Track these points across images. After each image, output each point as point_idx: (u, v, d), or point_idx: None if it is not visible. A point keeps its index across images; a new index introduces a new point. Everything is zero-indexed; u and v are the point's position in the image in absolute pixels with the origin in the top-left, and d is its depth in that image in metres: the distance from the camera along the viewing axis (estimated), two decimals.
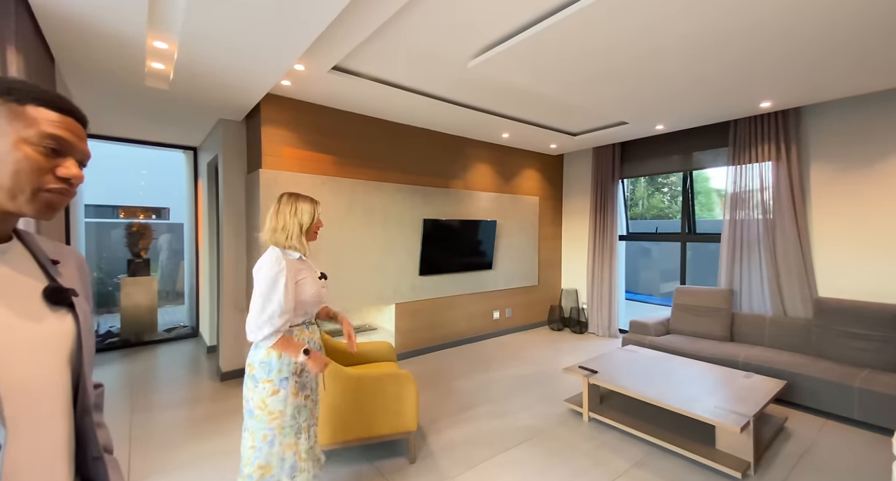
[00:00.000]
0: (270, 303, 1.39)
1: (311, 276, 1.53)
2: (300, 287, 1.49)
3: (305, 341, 1.54)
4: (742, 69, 2.56)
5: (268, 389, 1.45)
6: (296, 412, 1.49)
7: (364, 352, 2.60)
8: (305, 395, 1.54)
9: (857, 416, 2.60)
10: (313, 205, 1.59)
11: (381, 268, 3.68)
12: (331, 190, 3.36)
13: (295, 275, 1.48)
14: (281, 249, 1.51)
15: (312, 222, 1.56)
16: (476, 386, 3.24)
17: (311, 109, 3.25)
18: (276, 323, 1.39)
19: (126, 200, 8.37)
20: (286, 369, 1.47)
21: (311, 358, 1.45)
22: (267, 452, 1.45)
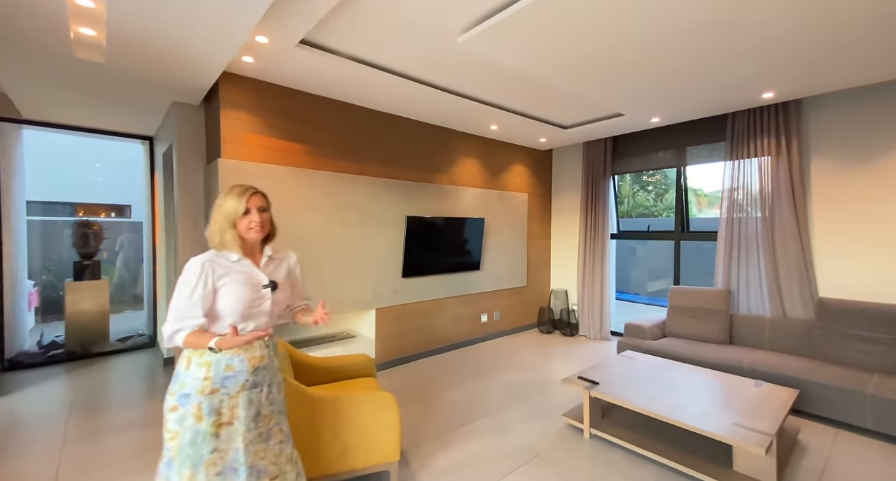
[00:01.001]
0: (171, 309, 1.24)
1: (241, 282, 1.29)
2: (220, 294, 1.26)
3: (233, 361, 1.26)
4: (749, 52, 2.36)
5: (168, 402, 1.25)
6: (195, 440, 1.22)
7: (338, 366, 2.28)
8: (217, 424, 1.23)
9: (871, 425, 2.44)
10: (242, 193, 1.32)
11: (358, 270, 3.35)
12: (302, 183, 3.01)
13: (217, 278, 1.25)
14: (216, 251, 1.30)
15: (237, 214, 1.29)
16: (464, 399, 2.96)
17: (279, 92, 2.89)
18: (175, 327, 1.22)
19: (81, 197, 7.71)
20: (191, 384, 1.23)
21: (223, 341, 1.18)
22: (165, 475, 1.24)
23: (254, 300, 1.30)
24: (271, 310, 1.35)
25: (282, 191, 2.89)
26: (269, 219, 1.39)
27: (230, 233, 1.29)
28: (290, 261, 1.50)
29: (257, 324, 1.32)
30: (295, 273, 1.51)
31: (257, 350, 1.33)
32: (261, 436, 1.30)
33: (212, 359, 1.24)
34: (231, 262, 1.30)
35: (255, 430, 1.29)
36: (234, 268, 1.30)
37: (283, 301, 1.40)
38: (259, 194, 1.36)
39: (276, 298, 1.36)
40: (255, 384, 1.30)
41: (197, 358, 1.25)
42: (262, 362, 1.33)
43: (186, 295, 1.22)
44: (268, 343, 1.37)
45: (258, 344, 1.33)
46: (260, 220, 1.32)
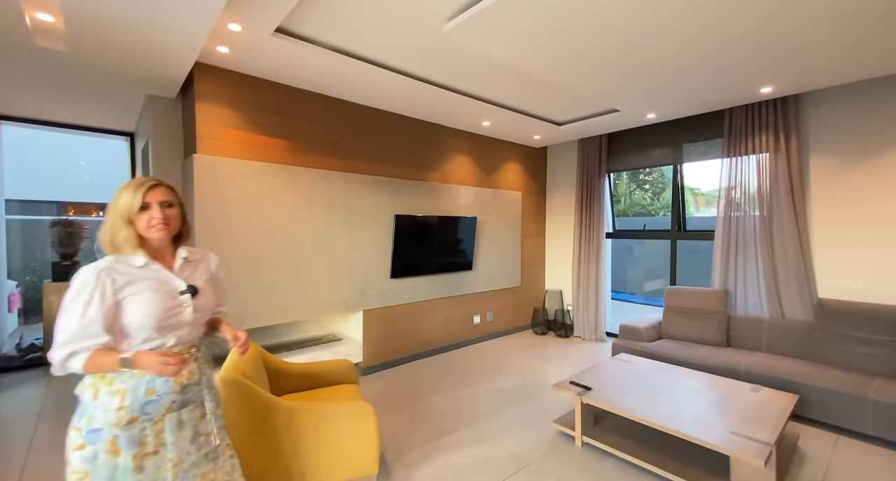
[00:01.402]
0: (59, 331, 1.04)
1: (151, 290, 1.11)
2: (126, 305, 1.07)
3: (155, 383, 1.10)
4: (748, 47, 2.26)
5: (73, 440, 1.06)
6: (113, 476, 1.04)
7: (317, 373, 2.17)
8: (141, 456, 1.07)
9: (872, 431, 2.35)
10: (139, 185, 1.12)
11: (344, 271, 3.24)
12: (285, 180, 2.89)
13: (119, 289, 1.07)
14: (115, 256, 1.12)
15: (133, 209, 1.11)
16: (453, 405, 2.86)
17: (259, 85, 2.77)
18: (68, 351, 1.02)
19: (69, 196, 7.55)
20: (102, 417, 1.05)
21: (139, 360, 1.03)
22: None
23: (170, 309, 1.13)
24: (194, 318, 1.18)
25: (263, 189, 2.78)
26: (178, 216, 1.20)
27: (124, 231, 1.10)
28: (212, 264, 1.34)
29: (179, 337, 1.16)
30: (217, 276, 1.34)
31: (186, 369, 1.17)
32: (207, 457, 1.18)
33: (126, 385, 1.06)
34: (136, 268, 1.12)
35: (196, 453, 1.16)
36: (140, 275, 1.12)
37: (206, 307, 1.24)
38: (163, 187, 1.16)
39: (199, 304, 1.20)
40: (185, 403, 1.16)
41: (106, 386, 1.07)
42: (191, 379, 1.17)
43: (78, 312, 1.02)
44: (195, 356, 1.21)
45: (195, 364, 1.19)
46: (163, 217, 1.13)
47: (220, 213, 2.59)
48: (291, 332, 3.40)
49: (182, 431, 1.14)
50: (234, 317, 2.67)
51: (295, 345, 3.21)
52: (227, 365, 1.59)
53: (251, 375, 1.63)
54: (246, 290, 2.71)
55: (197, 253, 1.30)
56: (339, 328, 3.67)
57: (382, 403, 2.86)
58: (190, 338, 1.20)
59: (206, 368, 1.24)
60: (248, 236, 2.72)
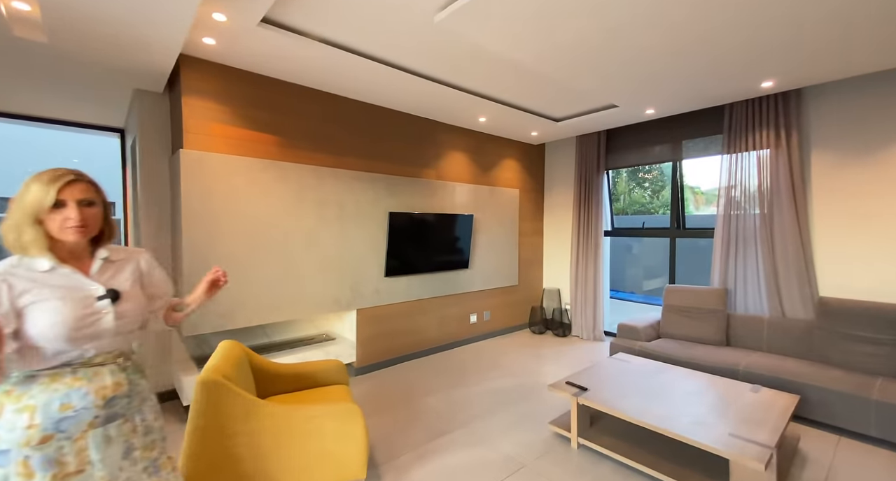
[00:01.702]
0: None
1: (58, 298, 0.98)
2: (29, 314, 0.95)
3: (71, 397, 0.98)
4: (748, 38, 2.20)
5: None
6: None
7: (306, 373, 2.11)
8: (62, 476, 0.96)
9: (875, 433, 2.30)
10: (53, 179, 0.98)
11: (337, 269, 3.17)
12: (275, 176, 2.83)
13: (18, 296, 0.95)
14: (19, 257, 0.99)
15: (43, 207, 0.96)
16: (447, 406, 2.80)
17: (247, 79, 2.71)
18: None
19: None
20: (8, 437, 0.93)
21: None
22: None
23: (83, 318, 0.99)
24: (116, 326, 1.05)
25: (251, 185, 2.72)
26: (99, 216, 1.06)
27: (30, 231, 0.96)
28: (141, 262, 1.20)
29: (99, 347, 1.03)
30: (151, 274, 1.22)
31: (107, 376, 1.04)
32: (146, 471, 1.09)
33: (36, 401, 0.95)
34: (41, 273, 0.98)
35: (131, 468, 1.06)
36: (45, 281, 0.98)
37: (133, 313, 1.10)
38: (83, 183, 1.02)
39: (122, 311, 1.07)
40: (111, 418, 1.04)
41: (12, 403, 0.95)
42: (118, 390, 1.05)
43: None
44: (123, 365, 1.09)
45: (107, 369, 1.05)
46: (80, 218, 0.99)
47: (207, 210, 2.53)
48: (283, 332, 3.34)
49: (111, 447, 1.03)
50: (223, 315, 2.61)
51: (286, 344, 3.15)
52: (206, 366, 1.53)
53: (233, 376, 1.57)
54: (234, 289, 2.65)
55: (121, 252, 1.16)
56: (333, 327, 3.61)
57: (375, 404, 2.80)
58: (114, 347, 1.07)
59: (137, 378, 1.12)
60: (236, 233, 2.66)
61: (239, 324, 2.67)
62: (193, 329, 2.49)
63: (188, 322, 2.47)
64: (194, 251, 2.48)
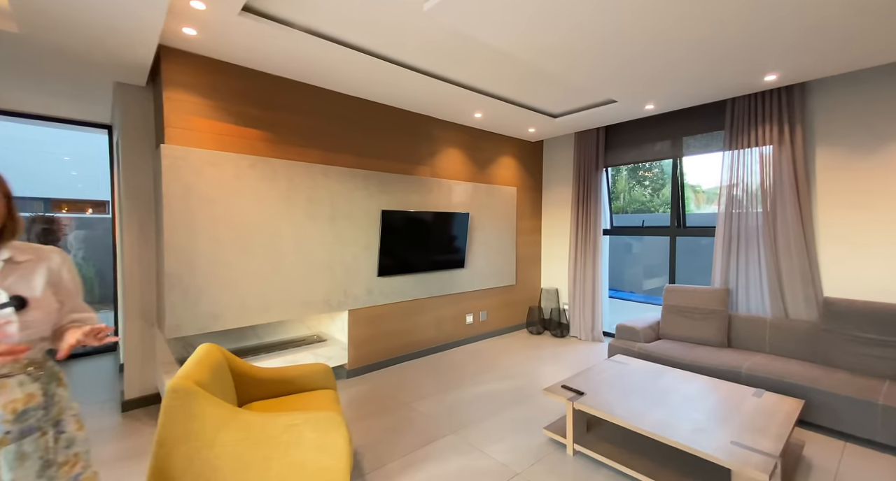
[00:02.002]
0: None
1: None
2: None
3: None
4: (751, 31, 2.11)
5: None
6: None
7: (291, 378, 2.03)
8: None
9: (882, 438, 2.21)
10: None
11: (327, 269, 3.09)
12: (263, 174, 2.75)
13: None
14: None
15: None
16: (440, 410, 2.72)
17: (233, 72, 2.62)
18: None
19: (55, 192, 7.41)
20: None
21: None
22: None
23: None
24: (20, 337, 0.95)
25: (237, 182, 2.63)
26: (2, 209, 0.97)
27: None
28: (52, 263, 1.07)
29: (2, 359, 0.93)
30: (62, 279, 1.09)
31: (15, 389, 0.95)
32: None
33: None
34: None
35: None
36: None
37: (42, 322, 1.00)
38: None
39: (27, 320, 0.96)
40: (25, 432, 0.96)
41: None
42: (30, 403, 0.97)
43: None
44: (35, 374, 1.00)
45: (15, 381, 0.96)
46: None
47: (190, 207, 2.45)
48: (274, 333, 3.26)
49: (25, 464, 0.94)
50: (209, 316, 2.53)
51: (276, 346, 3.07)
52: (179, 372, 1.45)
53: (207, 382, 1.49)
54: (220, 290, 2.56)
55: (29, 251, 1.04)
56: (325, 328, 3.53)
57: (365, 408, 2.72)
58: (23, 357, 0.98)
59: (53, 387, 1.03)
60: (221, 232, 2.57)
61: (225, 325, 2.59)
62: (177, 330, 2.41)
63: (171, 322, 2.39)
64: (177, 252, 2.40)
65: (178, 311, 2.41)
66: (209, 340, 2.91)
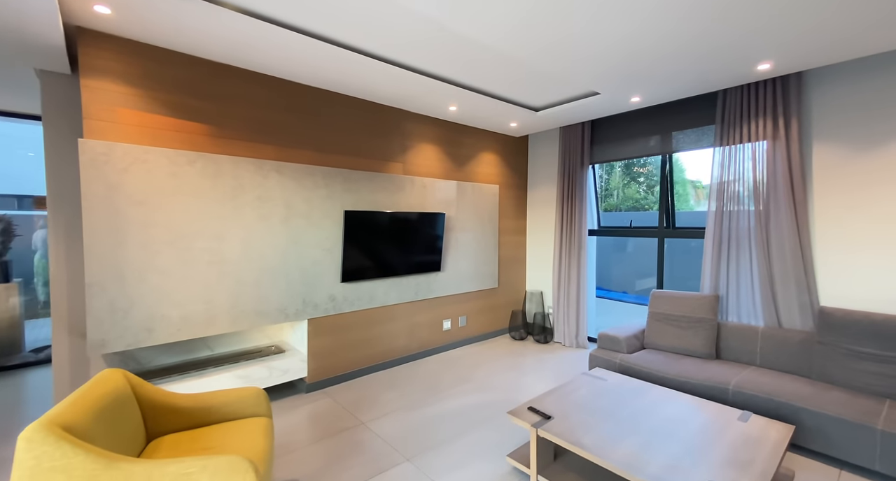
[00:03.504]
0: None
1: None
2: None
3: None
4: (739, 14, 1.85)
5: None
6: None
7: (215, 406, 1.79)
8: None
9: (881, 468, 1.99)
10: None
11: (282, 276, 2.85)
12: (204, 171, 2.49)
13: None
14: None
15: None
16: (400, 431, 2.49)
17: (168, 58, 2.36)
18: None
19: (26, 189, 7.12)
20: None
21: None
22: None
23: None
24: None
25: (174, 181, 2.38)
26: None
27: None
28: None
29: None
30: None
31: None
32: None
33: None
34: None
35: None
36: None
37: None
38: None
39: None
40: None
41: None
42: None
43: None
44: None
45: None
46: None
47: (116, 209, 2.20)
48: (228, 343, 3.02)
49: None
50: (141, 330, 2.29)
51: (227, 359, 2.84)
52: (45, 415, 1.21)
53: (84, 424, 1.25)
54: (155, 300, 2.32)
55: None
56: (287, 337, 3.29)
57: (316, 429, 2.49)
58: None
59: None
60: (155, 236, 2.33)
61: (159, 340, 2.35)
62: (102, 346, 2.17)
63: (95, 337, 2.15)
64: (100, 259, 2.15)
65: (104, 325, 2.17)
66: (150, 354, 2.68)
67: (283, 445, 2.30)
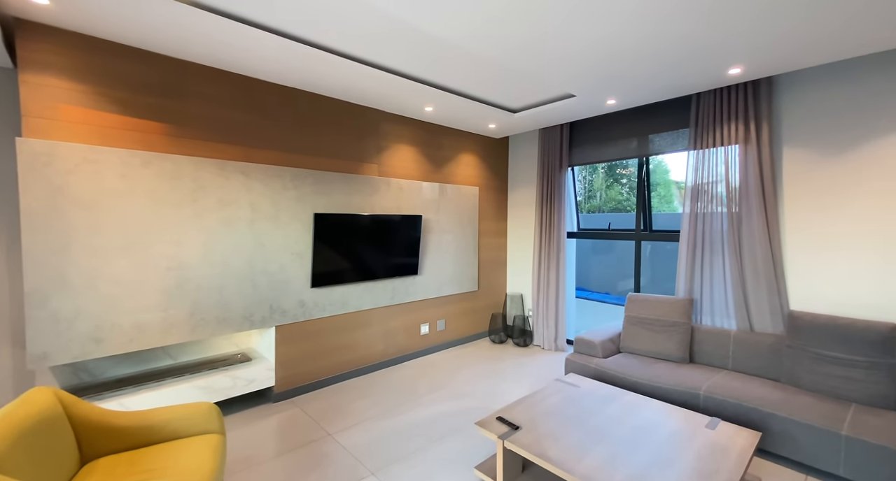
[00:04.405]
0: None
1: None
2: None
3: None
4: (711, 16, 1.83)
5: None
6: None
7: (157, 424, 1.68)
8: None
9: (844, 473, 2.00)
10: None
11: (247, 281, 2.73)
12: (161, 173, 2.37)
13: None
14: None
15: None
16: (368, 442, 2.41)
17: (119, 52, 2.23)
18: None
19: None
20: None
21: None
22: None
23: None
24: None
25: (126, 183, 2.25)
26: None
27: None
28: None
29: None
30: None
31: None
32: None
33: None
34: None
35: None
36: None
37: None
38: None
39: None
40: None
41: None
42: None
43: None
44: None
45: None
46: None
47: (60, 213, 2.06)
48: (190, 351, 2.89)
49: None
50: (89, 341, 2.15)
51: (189, 368, 2.71)
52: None
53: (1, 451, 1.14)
54: (105, 309, 2.19)
55: None
56: (255, 344, 3.18)
57: (280, 442, 2.39)
58: None
59: None
60: (105, 241, 2.19)
61: (110, 350, 2.22)
62: (44, 359, 2.03)
63: (35, 350, 2.01)
64: (42, 266, 2.02)
65: (45, 336, 2.03)
66: (104, 365, 2.54)
67: (244, 460, 2.20)
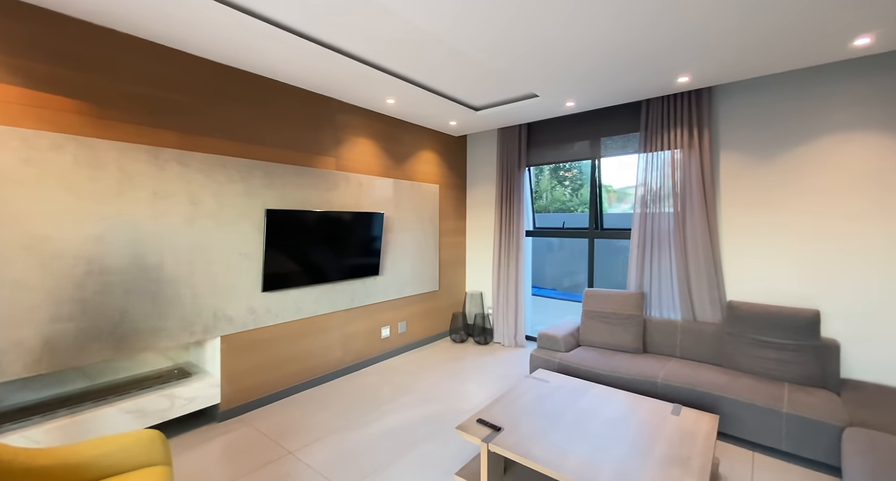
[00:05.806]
0: None
1: None
2: None
3: None
4: (661, 28, 1.94)
5: None
6: None
7: (85, 461, 1.38)
8: None
9: (786, 447, 2.22)
10: None
11: (186, 286, 2.40)
12: (77, 159, 1.98)
13: None
14: None
15: None
16: (334, 457, 2.22)
17: (24, 12, 1.82)
18: None
19: None
20: None
21: None
22: None
23: None
24: None
25: (30, 170, 1.84)
26: None
27: None
28: None
29: None
30: None
31: None
32: None
33: None
34: None
35: None
36: None
37: None
38: None
39: None
40: None
41: None
42: None
43: None
44: None
45: None
46: None
47: None
48: (114, 369, 2.47)
49: None
50: None
51: (111, 389, 2.31)
52: None
53: None
54: (5, 322, 1.77)
55: None
56: (195, 357, 2.80)
57: (233, 465, 2.12)
58: None
59: None
60: (4, 242, 1.78)
61: (10, 374, 1.80)
62: None
63: None
64: None
65: None
66: (1, 391, 2.07)
67: None
